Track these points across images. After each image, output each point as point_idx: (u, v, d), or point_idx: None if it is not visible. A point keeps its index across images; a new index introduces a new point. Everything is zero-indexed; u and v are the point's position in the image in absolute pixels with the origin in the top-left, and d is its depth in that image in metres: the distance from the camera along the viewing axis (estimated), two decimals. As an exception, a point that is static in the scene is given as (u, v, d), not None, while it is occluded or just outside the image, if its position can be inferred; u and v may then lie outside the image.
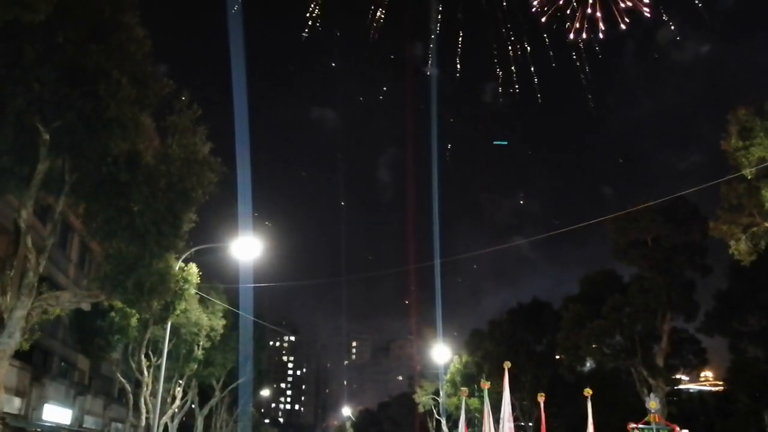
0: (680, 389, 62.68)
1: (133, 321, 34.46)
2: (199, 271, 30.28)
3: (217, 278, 42.56)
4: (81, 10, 17.05)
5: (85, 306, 21.26)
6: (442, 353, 64.96)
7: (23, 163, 18.04)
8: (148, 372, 36.08)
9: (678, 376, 46.95)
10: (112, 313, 34.59)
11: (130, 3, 18.64)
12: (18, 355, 22.55)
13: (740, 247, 26.80)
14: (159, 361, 32.08)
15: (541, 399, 34.68)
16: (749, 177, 24.94)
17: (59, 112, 17.32)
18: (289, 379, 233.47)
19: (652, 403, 33.92)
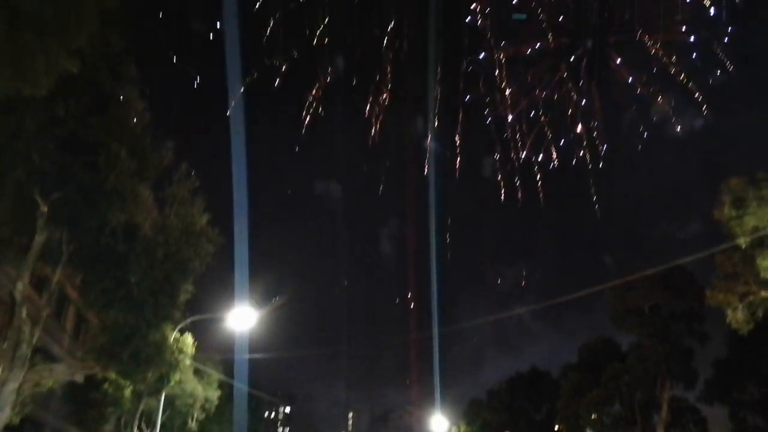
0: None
1: (127, 392, 33.89)
2: (194, 342, 30.05)
3: (213, 348, 42.13)
4: (83, 84, 17.41)
5: (79, 378, 21.00)
6: (440, 424, 63.77)
7: (21, 233, 18.14)
8: (142, 445, 35.32)
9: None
10: (106, 385, 34.03)
11: (131, 77, 19.08)
12: (7, 428, 22.15)
13: (737, 316, 26.74)
14: (153, 433, 31.49)
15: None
16: (743, 246, 25.05)
17: (58, 184, 17.51)
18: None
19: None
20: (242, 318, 28.93)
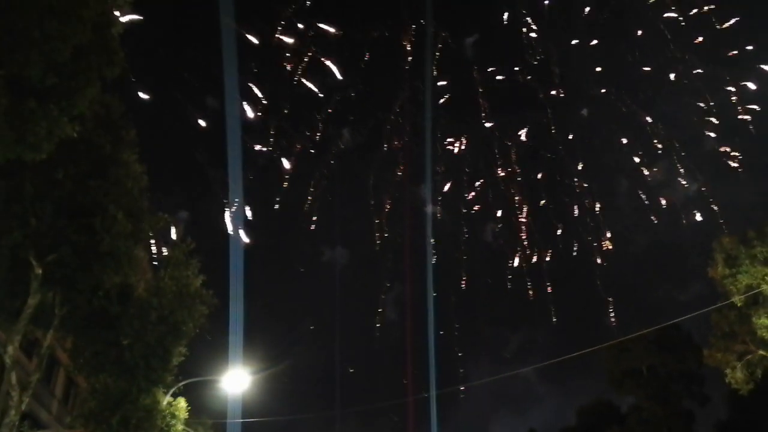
0: None
1: (116, 460, 33.07)
2: (187, 406, 29.49)
3: (205, 412, 41.27)
4: (82, 147, 17.59)
5: (66, 447, 20.55)
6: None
7: (14, 297, 17.98)
8: None
9: None
10: (95, 452, 33.26)
11: (129, 140, 19.29)
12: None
13: (736, 376, 26.57)
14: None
15: None
16: (739, 304, 25.11)
17: (54, 246, 17.48)
18: None
19: None
20: (236, 380, 28.44)
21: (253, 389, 31.19)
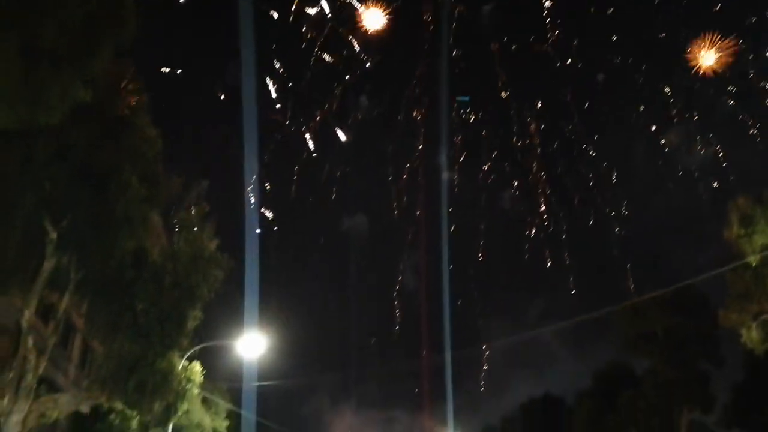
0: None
1: (134, 423, 33.43)
2: (203, 370, 29.73)
3: (221, 376, 41.69)
4: (95, 112, 17.47)
5: (85, 408, 20.76)
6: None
7: (29, 261, 18.03)
8: (149, 478, 34.83)
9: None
10: (112, 416, 33.63)
11: (141, 104, 19.16)
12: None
13: (752, 336, 26.38)
14: (160, 466, 30.93)
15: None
16: (754, 264, 24.90)
17: (68, 211, 17.47)
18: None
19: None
20: (251, 345, 28.60)
21: (269, 354, 31.35)
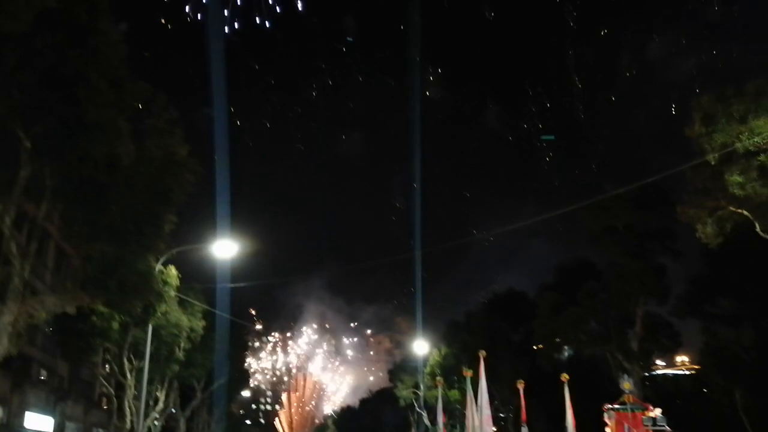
0: (656, 374, 63.75)
1: (115, 324, 34.37)
2: (178, 273, 30.47)
3: (195, 278, 42.55)
4: (59, 17, 17.25)
5: (71, 309, 21.43)
6: (421, 346, 65.45)
7: (5, 169, 18.22)
8: (131, 375, 36.14)
9: (654, 361, 47.66)
10: (94, 317, 34.50)
11: (104, 8, 18.86)
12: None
13: (707, 230, 27.46)
14: (141, 364, 32.04)
15: (520, 386, 35.31)
16: (713, 163, 25.58)
17: (39, 118, 17.55)
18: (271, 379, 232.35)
19: (626, 384, 34.84)
20: (225, 248, 29.14)
21: (243, 257, 31.96)
